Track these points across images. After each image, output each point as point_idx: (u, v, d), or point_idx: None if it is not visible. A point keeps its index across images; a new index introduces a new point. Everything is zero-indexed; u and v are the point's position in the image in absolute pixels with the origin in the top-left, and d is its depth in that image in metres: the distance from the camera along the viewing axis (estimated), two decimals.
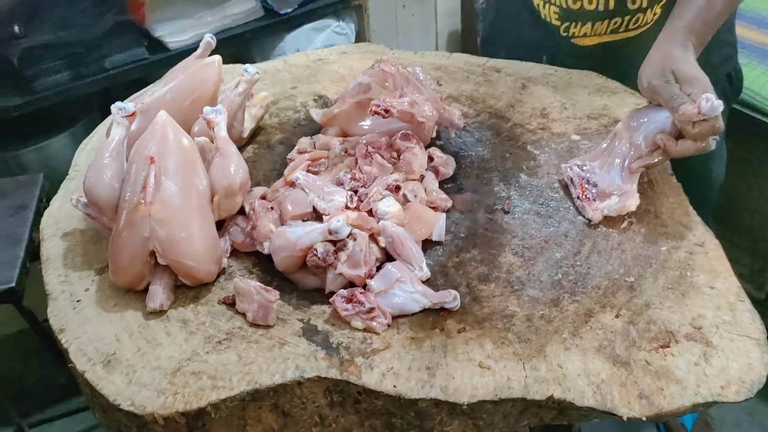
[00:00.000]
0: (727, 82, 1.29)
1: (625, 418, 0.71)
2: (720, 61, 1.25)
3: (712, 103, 0.86)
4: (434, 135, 1.11)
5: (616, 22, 1.16)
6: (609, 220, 0.93)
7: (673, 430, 1.71)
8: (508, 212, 0.96)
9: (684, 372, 0.73)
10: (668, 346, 0.76)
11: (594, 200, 0.94)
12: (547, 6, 1.19)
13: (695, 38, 0.96)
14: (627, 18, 1.15)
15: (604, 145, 0.99)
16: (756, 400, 1.79)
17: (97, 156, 0.88)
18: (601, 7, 1.15)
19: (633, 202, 0.94)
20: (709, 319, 0.78)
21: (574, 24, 1.19)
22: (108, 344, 0.80)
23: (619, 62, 1.20)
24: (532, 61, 1.27)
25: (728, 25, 1.23)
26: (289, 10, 1.91)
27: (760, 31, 1.74)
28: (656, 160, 0.94)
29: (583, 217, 0.94)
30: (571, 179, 0.97)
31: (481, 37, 1.50)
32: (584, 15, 1.14)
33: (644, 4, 1.14)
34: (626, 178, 0.95)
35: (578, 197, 0.96)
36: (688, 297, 0.81)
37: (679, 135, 0.92)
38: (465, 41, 2.60)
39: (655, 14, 1.16)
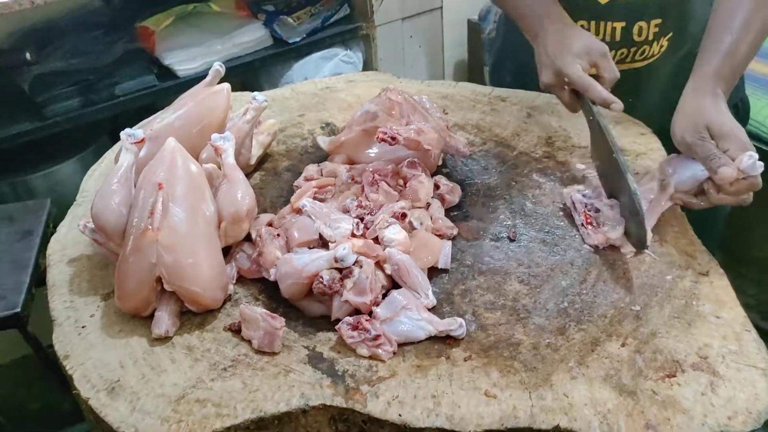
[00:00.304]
0: (734, 112, 1.29)
1: None
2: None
3: (753, 162, 0.85)
4: (440, 163, 1.12)
5: (622, 53, 1.17)
6: (614, 248, 0.93)
7: None
8: (514, 240, 0.96)
9: (691, 402, 0.72)
10: (675, 376, 0.75)
11: (598, 226, 0.94)
12: None
13: (724, 84, 0.94)
14: (633, 49, 1.16)
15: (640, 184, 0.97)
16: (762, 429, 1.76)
17: (105, 182, 0.89)
18: (607, 39, 1.15)
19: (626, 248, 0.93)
20: (716, 349, 0.78)
21: None
22: (112, 371, 0.80)
23: (626, 92, 1.20)
24: (539, 89, 1.28)
25: None
26: (298, 39, 1.94)
27: (764, 63, 1.75)
28: (694, 201, 0.94)
29: (587, 244, 0.94)
30: (574, 205, 0.98)
31: (489, 64, 1.52)
32: None
33: (650, 37, 1.14)
34: (649, 216, 0.93)
35: (582, 224, 0.96)
36: (694, 326, 0.81)
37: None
38: (472, 71, 2.63)
39: (661, 46, 1.16)
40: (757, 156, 0.86)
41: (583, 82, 0.99)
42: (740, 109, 1.30)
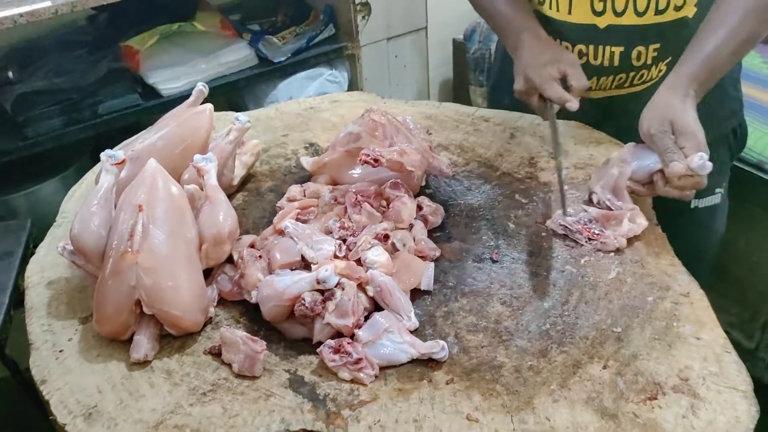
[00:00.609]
0: (732, 137, 1.30)
1: None
2: (725, 116, 1.26)
3: (703, 162, 0.92)
4: (424, 183, 1.12)
5: (621, 78, 1.18)
6: (596, 270, 0.94)
7: None
8: (497, 261, 0.97)
9: (672, 425, 0.72)
10: (656, 398, 0.75)
11: (604, 232, 0.97)
12: None
13: (698, 86, 0.99)
14: (632, 74, 1.17)
15: (598, 170, 1.05)
16: None
17: (85, 203, 0.88)
18: (606, 63, 1.16)
19: (642, 220, 0.98)
20: (696, 371, 0.78)
21: None
22: (90, 396, 0.78)
23: (624, 115, 1.21)
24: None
25: (733, 80, 1.25)
26: (283, 59, 1.95)
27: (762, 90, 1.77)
28: (642, 190, 1.01)
29: (605, 251, 0.96)
30: (569, 230, 0.99)
31: (488, 86, 1.55)
32: (589, 70, 1.16)
33: (648, 61, 1.15)
34: (623, 200, 1.00)
35: (588, 239, 0.97)
36: (674, 348, 0.81)
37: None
38: (457, 90, 2.65)
39: (660, 71, 1.17)
40: (707, 158, 0.92)
41: (543, 83, 1.06)
42: (738, 134, 1.30)
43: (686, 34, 1.10)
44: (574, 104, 1.05)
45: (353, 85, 2.10)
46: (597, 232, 0.97)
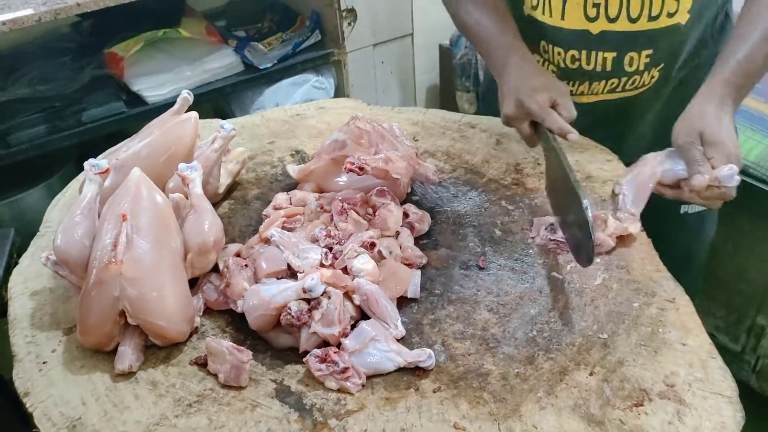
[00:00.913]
0: None
1: None
2: None
3: (732, 174, 0.88)
4: (410, 190, 1.12)
5: (613, 83, 1.18)
6: (582, 276, 0.94)
7: None
8: (483, 268, 0.97)
9: (658, 431, 0.73)
10: (642, 405, 0.76)
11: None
12: (545, 64, 1.21)
13: (735, 92, 0.97)
14: (624, 79, 1.17)
15: (632, 166, 1.02)
16: None
17: (68, 213, 0.87)
18: (598, 68, 1.16)
19: (634, 228, 0.98)
20: (682, 377, 0.79)
21: (571, 83, 1.20)
22: (74, 408, 0.77)
23: (617, 120, 1.22)
24: None
25: None
26: (269, 65, 1.94)
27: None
28: (668, 193, 0.98)
29: (599, 253, 0.96)
30: (553, 242, 1.00)
31: (480, 91, 1.54)
32: (582, 75, 1.16)
33: (641, 67, 1.15)
34: (637, 202, 0.99)
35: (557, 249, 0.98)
36: (660, 354, 0.82)
37: None
38: (443, 96, 2.66)
39: (653, 77, 1.17)
40: (737, 170, 0.89)
41: (541, 113, 1.03)
42: None
43: (678, 41, 1.11)
44: (574, 135, 1.01)
45: (340, 92, 2.10)
46: (562, 247, 0.98)
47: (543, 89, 1.05)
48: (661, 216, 1.07)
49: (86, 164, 0.91)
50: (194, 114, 1.06)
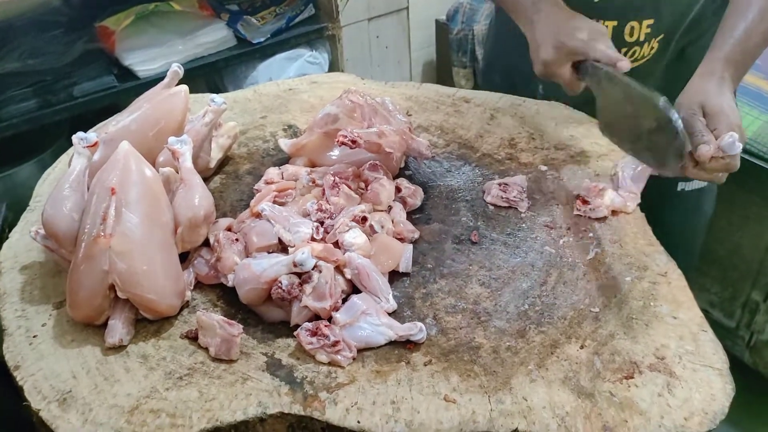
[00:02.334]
0: None
1: None
2: None
3: (733, 141, 0.86)
4: (403, 165, 1.11)
5: None
6: (575, 250, 0.94)
7: None
8: (476, 243, 0.96)
9: (648, 403, 0.73)
10: (632, 377, 0.76)
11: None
12: None
13: (733, 69, 0.96)
14: (624, 50, 1.15)
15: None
16: (728, 429, 1.79)
17: (56, 187, 0.86)
18: None
19: (633, 204, 0.99)
20: (672, 350, 0.79)
21: None
22: (64, 381, 0.77)
23: None
24: (528, 91, 1.27)
25: None
26: (262, 40, 1.92)
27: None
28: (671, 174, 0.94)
29: (594, 217, 0.98)
30: (504, 200, 1.02)
31: (480, 64, 1.52)
32: None
33: (641, 38, 1.14)
34: (636, 180, 1.00)
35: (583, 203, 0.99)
36: (651, 327, 0.82)
37: None
38: (440, 72, 2.63)
39: (652, 48, 1.16)
40: (737, 137, 0.87)
41: (587, 46, 0.97)
42: None
43: (680, 11, 1.09)
44: (625, 63, 0.95)
45: (334, 67, 2.08)
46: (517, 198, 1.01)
47: (583, 28, 0.99)
48: (659, 193, 1.06)
49: (75, 138, 0.89)
50: (184, 87, 1.05)
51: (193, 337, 0.83)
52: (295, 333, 0.81)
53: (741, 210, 1.68)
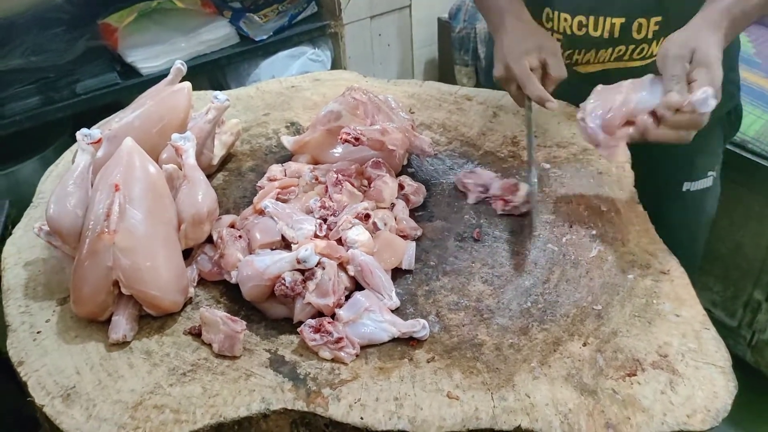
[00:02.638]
0: (727, 120, 1.28)
1: None
2: (722, 100, 1.23)
3: (706, 98, 0.81)
4: (405, 162, 1.11)
5: (620, 51, 1.16)
6: (577, 248, 0.94)
7: None
8: (479, 240, 0.96)
9: (650, 401, 0.73)
10: (635, 375, 0.76)
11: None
12: (551, 33, 1.19)
13: (729, 24, 0.93)
14: (632, 47, 1.15)
15: (599, 92, 0.95)
16: (729, 428, 1.78)
17: (60, 183, 0.87)
18: (606, 35, 1.14)
19: (622, 156, 0.99)
20: (675, 347, 0.79)
21: (578, 51, 1.18)
22: (68, 377, 0.78)
23: None
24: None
25: (731, 62, 1.22)
26: (265, 37, 1.92)
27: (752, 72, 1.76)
28: (629, 132, 0.90)
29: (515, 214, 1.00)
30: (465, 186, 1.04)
31: (483, 63, 1.52)
32: (589, 42, 1.14)
33: (650, 36, 1.13)
34: (609, 127, 0.91)
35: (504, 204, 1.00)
36: (654, 325, 0.82)
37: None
38: (441, 70, 2.63)
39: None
40: (711, 93, 0.82)
41: (523, 78, 1.03)
42: (733, 116, 1.29)
43: (689, 9, 1.09)
44: (553, 104, 1.02)
45: (336, 64, 2.08)
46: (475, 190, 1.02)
47: (532, 51, 1.05)
48: (663, 193, 1.06)
49: (78, 134, 0.90)
50: (187, 84, 1.05)
51: (196, 334, 0.83)
52: (298, 330, 0.81)
53: (743, 209, 1.67)
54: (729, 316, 1.78)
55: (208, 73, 1.97)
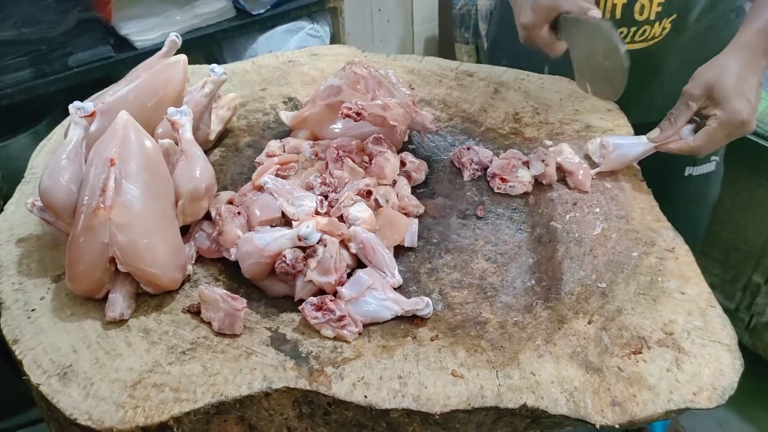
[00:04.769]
0: None
1: (598, 426, 0.70)
2: None
3: (689, 132, 0.94)
4: (406, 139, 1.09)
5: (621, 32, 1.13)
6: (582, 226, 0.92)
7: None
8: (481, 217, 0.95)
9: (656, 378, 0.72)
10: (640, 352, 0.75)
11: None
12: None
13: None
14: (633, 29, 1.13)
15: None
16: (726, 411, 1.80)
17: (53, 158, 0.84)
18: (607, 15, 1.11)
19: (567, 151, 1.01)
20: (681, 325, 0.78)
21: None
22: (64, 355, 0.76)
23: None
24: (534, 70, 1.24)
25: None
26: (262, 11, 1.88)
27: None
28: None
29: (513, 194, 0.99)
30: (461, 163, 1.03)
31: (487, 43, 1.49)
32: None
33: (651, 17, 1.11)
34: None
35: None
36: (659, 302, 0.81)
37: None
38: (441, 47, 2.59)
39: (664, 29, 1.13)
40: (690, 129, 0.95)
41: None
42: None
43: None
44: (596, 12, 0.94)
45: (335, 40, 2.04)
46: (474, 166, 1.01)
47: None
48: (665, 177, 1.04)
49: (71, 107, 0.87)
50: (183, 57, 1.02)
51: (195, 312, 0.81)
52: (299, 308, 0.79)
53: (746, 192, 1.66)
54: (728, 299, 1.78)
55: (203, 47, 1.94)
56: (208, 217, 0.91)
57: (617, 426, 0.70)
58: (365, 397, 0.71)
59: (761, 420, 1.79)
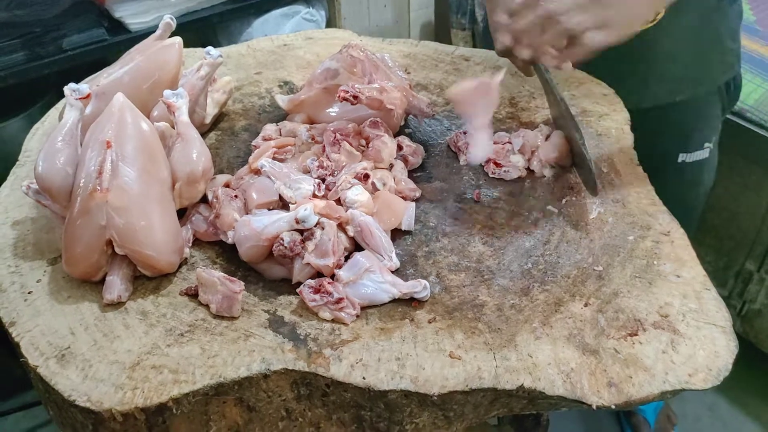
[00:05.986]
0: (726, 91, 1.26)
1: (594, 407, 0.70)
2: (721, 71, 1.19)
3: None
4: (403, 123, 1.09)
5: None
6: (578, 209, 0.93)
7: (636, 426, 1.73)
8: (478, 201, 0.95)
9: (652, 360, 0.73)
10: (636, 335, 0.76)
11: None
12: None
13: None
14: None
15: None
16: (716, 396, 1.83)
17: (49, 140, 0.84)
18: None
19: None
20: (676, 307, 0.79)
21: None
22: (62, 338, 0.76)
23: (618, 58, 1.16)
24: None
25: (732, 31, 1.20)
26: None
27: (753, 40, 1.74)
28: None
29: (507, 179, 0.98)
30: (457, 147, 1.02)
31: (480, 26, 1.47)
32: None
33: None
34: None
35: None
36: (655, 285, 0.81)
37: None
38: (438, 33, 2.58)
39: (657, 13, 1.13)
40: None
41: (538, 53, 0.94)
42: (732, 88, 1.26)
43: None
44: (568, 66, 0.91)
45: (331, 24, 2.03)
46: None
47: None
48: (658, 165, 1.04)
49: (66, 88, 0.86)
50: (178, 39, 1.01)
51: (192, 294, 0.81)
52: (297, 290, 0.80)
53: (740, 178, 1.66)
54: (720, 286, 1.79)
55: (198, 31, 1.92)
56: (205, 200, 0.90)
57: (613, 407, 0.70)
58: (363, 378, 0.71)
59: (750, 406, 1.81)
